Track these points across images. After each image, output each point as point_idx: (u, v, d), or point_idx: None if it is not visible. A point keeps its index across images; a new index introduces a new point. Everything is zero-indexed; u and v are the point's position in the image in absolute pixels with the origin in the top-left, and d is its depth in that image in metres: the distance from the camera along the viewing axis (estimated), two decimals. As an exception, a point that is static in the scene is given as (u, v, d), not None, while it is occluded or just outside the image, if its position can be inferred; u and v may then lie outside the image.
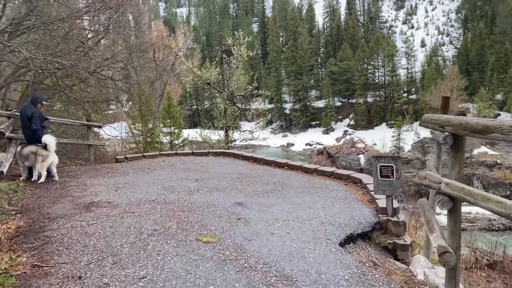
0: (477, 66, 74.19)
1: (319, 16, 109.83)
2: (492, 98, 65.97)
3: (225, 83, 24.48)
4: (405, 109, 74.03)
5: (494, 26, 75.56)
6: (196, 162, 12.62)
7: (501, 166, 55.01)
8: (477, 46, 75.54)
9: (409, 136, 63.32)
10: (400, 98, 77.29)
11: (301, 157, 72.59)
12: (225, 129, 23.98)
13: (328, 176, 9.98)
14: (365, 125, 78.86)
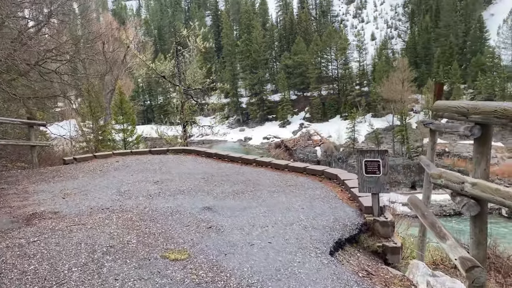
0: (424, 58, 76.78)
1: (272, 9, 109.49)
2: (439, 89, 68.63)
3: (181, 76, 23.26)
4: (358, 101, 75.42)
5: (439, 20, 78.43)
6: (154, 161, 11.50)
7: (449, 154, 57.26)
8: (424, 39, 78.15)
9: (362, 127, 64.48)
10: (353, 91, 78.63)
11: (259, 151, 72.15)
12: (182, 125, 22.79)
13: (301, 172, 9.25)
14: (320, 118, 79.63)
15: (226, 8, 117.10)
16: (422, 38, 78.24)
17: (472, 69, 67.98)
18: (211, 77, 23.79)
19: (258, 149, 75.29)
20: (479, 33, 73.35)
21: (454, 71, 69.52)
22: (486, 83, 61.51)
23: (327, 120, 78.78)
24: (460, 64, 71.21)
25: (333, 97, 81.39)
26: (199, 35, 23.38)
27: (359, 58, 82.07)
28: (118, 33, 35.72)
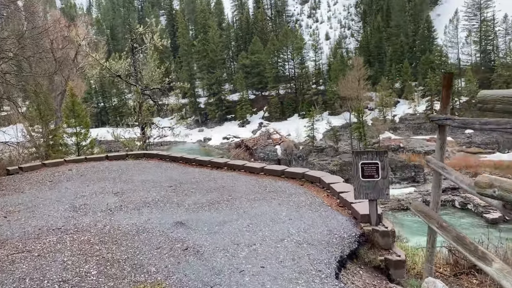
0: (377, 57, 78.46)
1: (228, 9, 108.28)
2: (392, 87, 70.25)
3: (138, 76, 21.83)
4: (315, 99, 75.86)
5: (390, 19, 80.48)
6: (113, 168, 10.25)
7: (403, 149, 58.70)
8: (376, 39, 79.93)
9: (320, 125, 64.74)
10: (310, 90, 79.07)
11: (219, 151, 70.87)
12: (141, 126, 21.36)
13: (279, 176, 8.40)
14: (279, 117, 79.43)
15: (181, 8, 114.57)
16: (375, 38, 80.00)
17: (422, 67, 70.17)
18: (170, 76, 22.49)
19: (218, 149, 73.98)
20: (427, 33, 75.97)
21: (405, 69, 71.49)
22: (435, 80, 63.63)
23: (286, 118, 78.72)
24: (411, 62, 73.37)
25: (291, 96, 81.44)
26: (156, 32, 22.07)
27: (315, 57, 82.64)
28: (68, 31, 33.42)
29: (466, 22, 69.50)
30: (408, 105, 69.90)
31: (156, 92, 23.89)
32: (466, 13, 69.73)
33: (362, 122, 51.68)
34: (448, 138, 61.46)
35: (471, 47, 66.94)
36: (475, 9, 68.92)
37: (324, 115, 72.38)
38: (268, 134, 69.49)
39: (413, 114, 67.09)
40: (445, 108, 4.68)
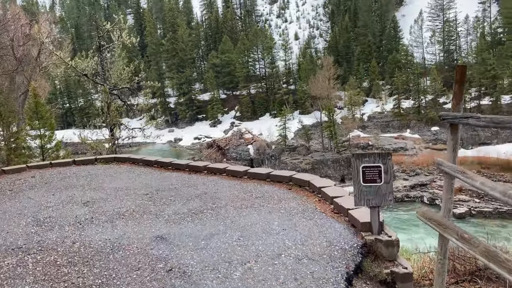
0: (345, 56, 79.29)
1: (197, 8, 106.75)
2: (360, 86, 71.15)
3: (106, 75, 20.73)
4: (285, 99, 75.83)
5: (357, 19, 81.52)
6: (81, 174, 9.37)
7: (372, 147, 59.47)
8: (344, 39, 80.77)
9: (292, 124, 64.72)
10: (280, 89, 78.96)
11: (191, 151, 69.63)
12: (109, 128, 20.28)
13: (264, 179, 7.81)
14: (250, 116, 78.91)
15: (149, 6, 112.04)
16: (343, 38, 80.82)
17: (389, 66, 71.43)
18: (139, 75, 21.49)
19: (190, 150, 72.70)
20: (393, 33, 77.45)
21: (373, 69, 72.56)
22: (402, 79, 64.91)
23: (257, 118, 78.28)
24: (378, 62, 74.52)
25: (262, 95, 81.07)
26: (125, 29, 21.02)
27: (285, 57, 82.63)
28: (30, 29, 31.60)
29: (430, 22, 71.26)
30: (376, 103, 70.96)
31: (125, 92, 22.83)
32: (430, 13, 71.50)
33: (333, 121, 51.89)
34: (416, 136, 62.85)
35: (435, 46, 68.70)
36: (438, 10, 70.77)
37: (295, 114, 72.47)
38: (240, 133, 68.88)
39: (381, 112, 68.13)
40: (458, 105, 4.23)
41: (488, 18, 68.63)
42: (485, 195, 41.67)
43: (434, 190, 45.46)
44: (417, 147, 60.69)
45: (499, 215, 39.26)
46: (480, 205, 40.99)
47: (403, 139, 62.64)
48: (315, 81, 56.92)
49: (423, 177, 48.60)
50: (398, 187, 46.73)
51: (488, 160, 47.50)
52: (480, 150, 50.66)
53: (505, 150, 50.01)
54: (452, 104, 4.38)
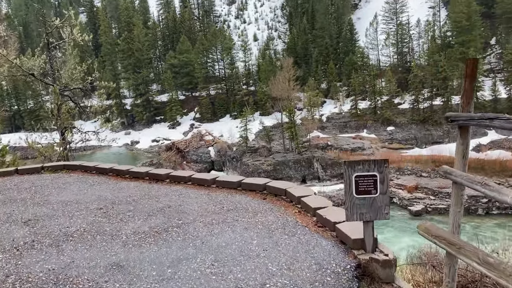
0: (303, 58, 79.85)
1: (153, 7, 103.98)
2: (319, 87, 71.86)
3: (56, 74, 19.15)
4: (246, 100, 75.33)
5: (315, 22, 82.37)
6: (23, 186, 8.16)
7: (331, 147, 60.12)
8: (302, 40, 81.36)
9: (253, 125, 64.30)
10: (240, 90, 78.32)
11: (149, 155, 67.36)
12: (60, 131, 18.71)
13: (235, 188, 7.02)
14: (210, 118, 77.64)
15: (103, 5, 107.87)
16: (301, 39, 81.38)
17: (345, 68, 72.60)
18: (93, 75, 20.04)
19: (147, 153, 70.36)
20: (349, 35, 78.81)
21: (330, 70, 73.51)
22: (358, 80, 66.16)
23: (218, 119, 77.15)
24: (335, 64, 75.59)
25: (222, 96, 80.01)
26: (76, 25, 19.53)
27: (245, 58, 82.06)
28: (-31, 25, 28.95)
29: (384, 25, 73.14)
30: (334, 104, 71.95)
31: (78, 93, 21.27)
32: (384, 17, 73.41)
33: (293, 122, 51.84)
34: (372, 135, 64.21)
35: (390, 49, 70.57)
36: (392, 14, 72.79)
37: (255, 116, 72.12)
38: (200, 135, 67.50)
39: (339, 113, 69.11)
40: (469, 103, 3.68)
41: (438, 22, 71.37)
42: (439, 192, 43.08)
43: (391, 188, 46.34)
44: (374, 146, 61.97)
45: (453, 211, 40.63)
46: (435, 202, 42.22)
47: (361, 139, 63.83)
48: (275, 82, 56.69)
49: (381, 176, 49.51)
50: (358, 186, 47.40)
51: (441, 158, 49.00)
52: (433, 149, 52.37)
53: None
54: (461, 103, 3.81)
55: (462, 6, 60.62)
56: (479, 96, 55.78)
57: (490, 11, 65.83)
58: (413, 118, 60.68)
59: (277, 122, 62.82)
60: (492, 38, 68.87)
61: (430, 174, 47.46)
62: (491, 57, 67.32)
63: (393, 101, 66.32)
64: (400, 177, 47.88)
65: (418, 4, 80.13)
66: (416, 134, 60.47)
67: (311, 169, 50.38)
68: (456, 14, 61.15)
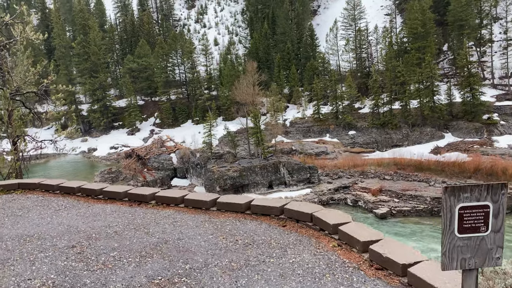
0: (265, 63, 79.13)
1: (110, 11, 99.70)
2: (281, 92, 71.36)
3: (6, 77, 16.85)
4: (208, 105, 73.53)
5: (276, 26, 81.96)
6: (-35, 214, 6.31)
7: (296, 151, 59.65)
8: (264, 45, 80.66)
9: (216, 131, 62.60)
10: (202, 95, 76.25)
11: (107, 162, 63.81)
12: (12, 141, 16.42)
13: (242, 212, 5.62)
14: (172, 123, 74.96)
15: (55, 7, 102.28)
16: (263, 44, 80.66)
17: (307, 73, 72.61)
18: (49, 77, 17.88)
19: (106, 160, 66.75)
20: (310, 41, 79.08)
21: (293, 75, 73.21)
22: (320, 85, 66.27)
23: (179, 125, 74.59)
24: (297, 69, 75.45)
25: (183, 101, 77.54)
26: (29, 23, 17.36)
27: (206, 62, 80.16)
28: None
29: (343, 31, 73.95)
30: (297, 109, 71.74)
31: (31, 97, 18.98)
32: (343, 23, 74.22)
33: (259, 127, 50.72)
34: (334, 140, 64.41)
35: (349, 54, 71.34)
36: (350, 20, 73.73)
37: (218, 121, 70.47)
38: (161, 141, 64.80)
39: (302, 118, 68.90)
40: None
41: (395, 29, 73.08)
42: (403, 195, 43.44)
43: (356, 192, 46.27)
44: (336, 150, 62.21)
45: (417, 213, 40.95)
46: (400, 205, 42.46)
47: (324, 143, 63.92)
48: (240, 86, 55.43)
49: (345, 179, 49.39)
50: (323, 191, 46.99)
51: (403, 161, 49.77)
52: (394, 152, 52.99)
53: (416, 151, 52.95)
54: None
55: (417, 14, 62.27)
56: (436, 100, 57.27)
57: (443, 19, 68.18)
58: (374, 122, 61.40)
59: (241, 127, 61.59)
60: (444, 45, 71.40)
61: (393, 177, 47.88)
62: (444, 63, 69.73)
63: (353, 105, 66.97)
64: (364, 180, 47.95)
65: (375, 11, 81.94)
66: (377, 137, 61.22)
67: (278, 174, 49.42)
68: (412, 21, 62.74)
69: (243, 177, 48.28)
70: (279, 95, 67.97)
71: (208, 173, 48.76)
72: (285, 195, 46.96)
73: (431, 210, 41.14)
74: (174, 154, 59.64)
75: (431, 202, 41.40)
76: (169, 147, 63.35)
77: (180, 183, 55.28)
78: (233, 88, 59.29)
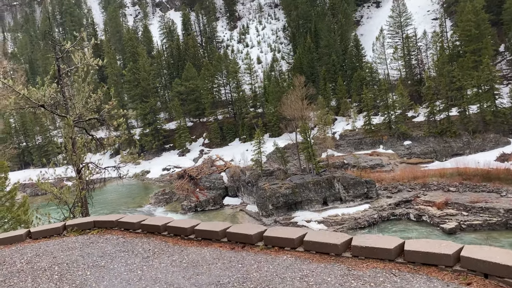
0: (311, 77, 77.49)
1: (156, 37, 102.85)
2: (328, 105, 69.34)
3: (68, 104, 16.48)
4: (255, 122, 72.90)
5: (320, 39, 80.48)
6: (41, 264, 5.24)
7: (348, 165, 57.05)
8: (308, 59, 79.32)
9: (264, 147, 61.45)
10: (248, 113, 75.90)
11: (160, 184, 64.41)
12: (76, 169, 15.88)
13: (391, 261, 4.09)
14: (220, 142, 75.00)
15: (107, 37, 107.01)
16: (306, 59, 79.36)
17: (354, 84, 70.27)
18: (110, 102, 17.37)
19: (159, 182, 67.42)
20: (355, 51, 76.79)
21: (340, 87, 71.11)
22: (369, 96, 63.65)
23: (227, 144, 74.46)
24: (343, 80, 73.32)
25: (230, 120, 77.57)
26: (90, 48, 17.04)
27: (251, 80, 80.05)
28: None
29: (390, 39, 71.24)
30: (346, 121, 69.43)
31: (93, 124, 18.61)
32: (389, 31, 71.56)
33: (309, 141, 48.98)
34: (389, 151, 61.14)
35: (398, 62, 68.31)
36: (397, 27, 70.95)
37: (265, 137, 69.38)
38: (211, 161, 64.60)
39: (352, 130, 66.44)
40: None
41: (445, 32, 69.37)
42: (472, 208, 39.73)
43: (419, 206, 43.10)
44: (392, 162, 58.98)
45: (489, 226, 37.30)
46: (469, 218, 38.92)
47: (378, 155, 60.86)
48: (287, 102, 54.16)
49: (406, 193, 46.29)
50: (383, 206, 44.11)
51: (468, 171, 45.95)
52: (457, 161, 49.14)
53: (480, 159, 48.78)
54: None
55: (470, 15, 58.59)
56: (498, 104, 53.04)
57: (498, 18, 63.85)
58: (430, 130, 57.81)
59: (289, 143, 60.05)
60: (500, 45, 66.69)
61: (458, 188, 44.17)
62: (502, 64, 64.98)
63: (406, 114, 63.68)
64: (427, 193, 44.61)
65: (421, 17, 78.53)
66: (435, 147, 57.48)
67: (332, 190, 47.13)
68: (465, 23, 59.06)
69: (295, 194, 46.45)
70: (326, 108, 66.02)
71: (260, 191, 47.40)
72: (342, 212, 44.48)
73: (506, 223, 37.34)
74: (224, 173, 59.06)
75: (505, 215, 37.60)
76: (219, 166, 62.94)
77: (232, 202, 54.39)
78: (280, 104, 58.21)
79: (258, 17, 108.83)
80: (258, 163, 53.59)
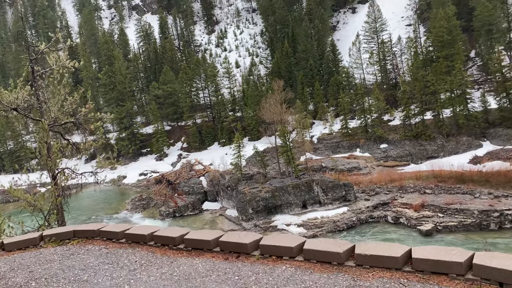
0: (288, 81, 77.82)
1: (133, 41, 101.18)
2: (306, 109, 69.70)
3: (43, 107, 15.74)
4: (234, 126, 72.53)
5: (298, 44, 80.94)
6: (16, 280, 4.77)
7: (326, 168, 57.32)
8: (286, 64, 79.63)
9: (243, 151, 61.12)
10: (227, 117, 75.51)
11: (137, 189, 63.00)
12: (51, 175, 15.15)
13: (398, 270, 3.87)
14: (198, 146, 74.15)
15: (82, 40, 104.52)
16: (284, 63, 79.68)
17: (331, 88, 70.95)
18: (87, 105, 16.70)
19: (136, 187, 65.92)
20: (332, 56, 77.60)
21: (317, 91, 71.59)
22: (346, 100, 64.34)
23: (206, 148, 73.69)
24: (320, 85, 73.89)
25: (209, 124, 76.85)
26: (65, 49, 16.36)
27: (229, 84, 79.70)
28: None
29: (365, 44, 72.34)
30: (323, 125, 69.92)
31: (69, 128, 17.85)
32: (365, 36, 72.68)
33: (289, 145, 48.97)
34: (366, 154, 61.89)
35: (374, 67, 69.41)
36: (372, 33, 72.15)
37: (244, 141, 69.06)
38: (190, 165, 63.74)
39: (329, 133, 66.97)
40: None
41: (419, 38, 71.00)
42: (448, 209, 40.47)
43: (397, 208, 43.60)
44: (369, 165, 59.68)
45: (464, 227, 38.00)
46: (445, 220, 39.60)
47: (355, 158, 61.48)
48: (267, 106, 54.03)
49: (383, 195, 46.80)
50: (361, 208, 44.36)
51: (443, 173, 46.91)
52: (432, 164, 50.13)
53: (454, 162, 49.93)
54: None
55: (442, 21, 60.17)
56: (470, 108, 54.52)
57: (468, 25, 65.83)
58: (406, 134, 58.87)
59: (268, 147, 60.01)
60: (471, 51, 68.75)
61: (434, 191, 44.98)
62: (473, 69, 66.96)
63: (382, 118, 64.69)
64: (404, 196, 45.21)
65: (396, 23, 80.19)
66: (411, 150, 58.54)
67: (311, 193, 47.21)
68: (437, 29, 60.60)
69: (275, 198, 46.29)
70: (304, 112, 66.32)
71: (240, 195, 46.99)
72: (321, 215, 44.53)
73: (480, 224, 38.17)
74: (204, 177, 58.30)
75: (479, 216, 38.45)
76: (198, 170, 62.09)
77: (212, 207, 53.63)
78: (259, 108, 58.05)
79: (236, 22, 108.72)
80: (238, 167, 53.19)
